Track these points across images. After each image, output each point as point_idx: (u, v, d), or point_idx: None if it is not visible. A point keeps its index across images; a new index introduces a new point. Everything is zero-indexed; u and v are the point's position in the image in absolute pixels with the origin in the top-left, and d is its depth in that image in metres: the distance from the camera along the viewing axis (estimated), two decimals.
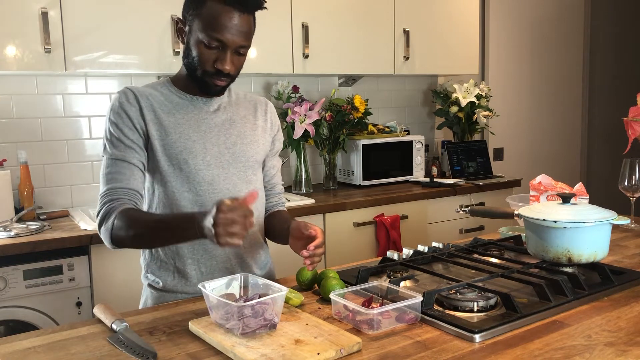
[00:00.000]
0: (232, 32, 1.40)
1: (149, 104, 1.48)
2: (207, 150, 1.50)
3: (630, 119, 2.24)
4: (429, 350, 1.10)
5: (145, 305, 1.59)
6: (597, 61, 4.82)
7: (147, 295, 1.59)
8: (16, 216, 2.39)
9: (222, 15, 1.39)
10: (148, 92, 1.51)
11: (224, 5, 1.39)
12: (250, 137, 1.58)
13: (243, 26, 1.42)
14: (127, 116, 1.46)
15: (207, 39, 1.40)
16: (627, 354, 1.07)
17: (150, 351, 1.11)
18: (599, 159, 4.88)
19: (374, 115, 3.49)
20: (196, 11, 1.41)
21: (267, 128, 1.65)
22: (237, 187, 1.53)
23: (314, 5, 2.94)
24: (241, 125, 1.58)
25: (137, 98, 1.48)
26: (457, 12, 3.46)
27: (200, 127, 1.51)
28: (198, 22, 1.41)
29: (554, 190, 1.91)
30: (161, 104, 1.49)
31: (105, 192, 1.43)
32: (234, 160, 1.54)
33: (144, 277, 1.60)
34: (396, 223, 2.92)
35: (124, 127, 1.45)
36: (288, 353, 1.07)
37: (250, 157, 1.57)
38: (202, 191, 1.49)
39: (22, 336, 1.20)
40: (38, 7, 2.29)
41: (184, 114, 1.50)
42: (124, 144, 1.45)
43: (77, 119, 2.74)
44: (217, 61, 1.43)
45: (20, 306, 2.13)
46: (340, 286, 1.36)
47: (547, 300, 1.30)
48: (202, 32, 1.40)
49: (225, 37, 1.40)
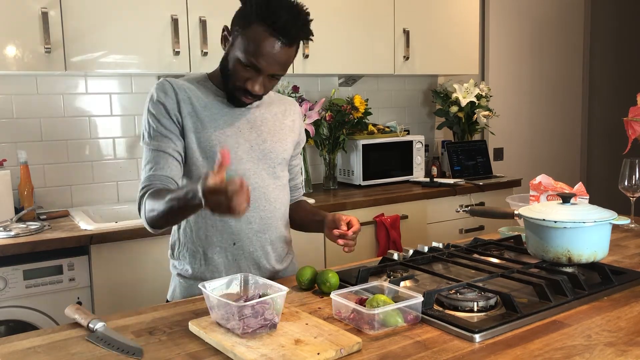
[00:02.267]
0: (270, 62, 1.42)
1: (187, 96, 1.52)
2: (240, 145, 1.54)
3: (630, 119, 2.24)
4: (429, 350, 1.10)
5: (173, 294, 1.63)
6: (597, 61, 4.82)
7: (175, 284, 1.64)
8: (16, 216, 2.39)
9: (264, 43, 1.40)
10: (186, 85, 1.54)
11: (268, 34, 1.39)
12: (279, 135, 1.63)
13: (282, 57, 1.43)
14: (164, 107, 1.49)
15: (245, 60, 1.42)
16: (627, 354, 1.07)
17: (136, 348, 1.12)
18: (599, 159, 4.88)
19: (374, 115, 3.49)
20: (242, 29, 1.43)
21: (295, 128, 1.69)
22: (265, 182, 1.58)
23: (314, 5, 2.92)
24: (272, 123, 1.62)
25: (175, 90, 1.51)
26: (457, 12, 3.46)
27: (234, 123, 1.55)
28: (240, 40, 1.43)
29: (554, 190, 1.91)
30: (198, 98, 1.53)
31: (143, 182, 1.48)
32: (264, 156, 1.58)
33: (172, 267, 1.64)
34: (396, 223, 2.92)
35: (162, 118, 1.49)
36: (288, 353, 1.07)
37: (279, 154, 1.62)
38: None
39: (22, 336, 1.20)
40: (38, 7, 2.29)
41: (219, 109, 1.54)
42: (161, 134, 1.49)
43: (77, 119, 2.74)
44: (249, 81, 1.46)
45: (20, 306, 2.13)
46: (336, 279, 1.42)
47: (547, 300, 1.30)
48: (241, 52, 1.43)
49: (261, 64, 1.42)
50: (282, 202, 1.64)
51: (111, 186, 2.83)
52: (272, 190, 1.60)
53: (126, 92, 2.83)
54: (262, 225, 1.59)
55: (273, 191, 1.60)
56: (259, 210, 1.57)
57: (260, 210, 1.57)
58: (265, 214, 1.59)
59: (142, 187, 1.48)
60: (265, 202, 1.58)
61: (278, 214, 1.63)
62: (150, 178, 1.47)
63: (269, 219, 1.60)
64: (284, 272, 1.68)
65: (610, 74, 4.89)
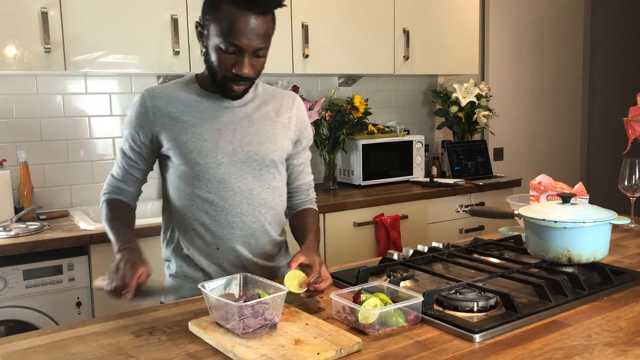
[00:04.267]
0: (249, 37, 1.38)
1: (163, 105, 1.50)
2: (220, 148, 1.50)
3: (630, 119, 2.24)
4: (429, 350, 1.10)
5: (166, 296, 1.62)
6: (597, 61, 4.82)
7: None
8: (16, 216, 2.39)
9: (237, 19, 1.36)
10: (165, 92, 1.52)
11: (239, 10, 1.36)
12: (268, 135, 1.55)
13: (260, 29, 1.39)
14: (139, 125, 1.51)
15: (224, 45, 1.39)
16: (627, 354, 1.07)
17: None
18: (599, 159, 4.88)
19: (374, 115, 3.49)
20: (212, 16, 1.40)
21: (291, 125, 1.61)
22: (249, 186, 1.53)
23: (314, 5, 2.94)
24: (260, 123, 1.55)
25: (149, 105, 1.50)
26: (457, 12, 3.46)
27: (214, 125, 1.51)
28: (214, 27, 1.40)
29: (554, 190, 1.91)
30: (176, 104, 1.51)
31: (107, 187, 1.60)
32: (248, 159, 1.52)
33: (166, 267, 1.64)
34: (396, 223, 2.92)
35: (132, 141, 1.53)
36: (288, 353, 1.07)
37: (266, 156, 1.54)
38: (212, 189, 1.51)
39: (22, 336, 1.20)
40: (38, 7, 2.29)
41: (199, 111, 1.51)
42: (131, 158, 1.55)
43: (77, 119, 2.74)
44: (235, 66, 1.41)
45: (20, 306, 2.13)
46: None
47: (547, 300, 1.30)
48: (218, 37, 1.39)
49: (241, 42, 1.38)
50: (270, 206, 1.58)
51: None
52: (256, 194, 1.54)
53: (126, 92, 2.83)
54: (245, 230, 1.54)
55: (258, 195, 1.54)
56: (242, 216, 1.53)
57: (243, 215, 1.53)
58: (249, 219, 1.54)
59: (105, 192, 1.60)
60: (249, 207, 1.53)
61: (264, 219, 1.57)
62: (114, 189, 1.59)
63: (253, 224, 1.55)
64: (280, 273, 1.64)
65: (610, 74, 4.89)
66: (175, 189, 1.55)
